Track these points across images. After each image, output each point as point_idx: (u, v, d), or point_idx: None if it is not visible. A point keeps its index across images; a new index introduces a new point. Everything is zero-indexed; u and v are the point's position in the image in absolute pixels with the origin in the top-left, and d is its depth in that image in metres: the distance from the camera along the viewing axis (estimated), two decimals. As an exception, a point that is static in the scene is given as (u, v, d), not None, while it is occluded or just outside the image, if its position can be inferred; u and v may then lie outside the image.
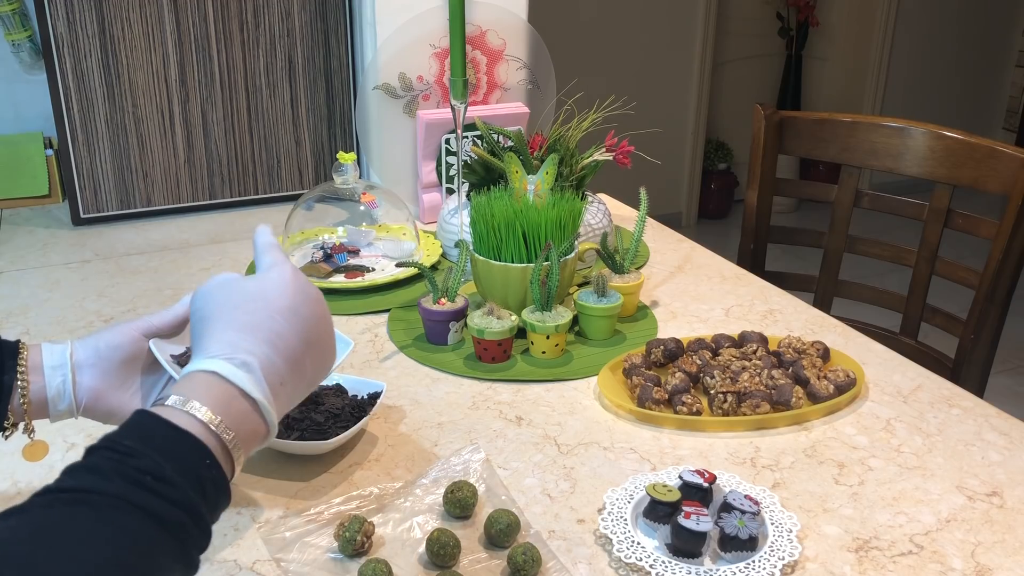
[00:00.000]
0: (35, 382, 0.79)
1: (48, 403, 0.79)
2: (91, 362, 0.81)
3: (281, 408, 0.67)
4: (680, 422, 1.04)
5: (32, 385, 0.79)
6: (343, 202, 1.53)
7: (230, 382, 0.63)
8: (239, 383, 0.63)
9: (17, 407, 0.79)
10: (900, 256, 1.66)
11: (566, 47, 3.84)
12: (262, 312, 0.67)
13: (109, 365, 0.81)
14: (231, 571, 0.82)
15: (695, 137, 4.43)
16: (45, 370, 0.79)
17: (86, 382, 0.80)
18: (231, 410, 0.62)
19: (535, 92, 1.73)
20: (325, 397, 0.99)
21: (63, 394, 0.79)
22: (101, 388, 0.81)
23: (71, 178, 1.62)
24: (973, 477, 0.96)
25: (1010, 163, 1.47)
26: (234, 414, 0.62)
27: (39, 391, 0.79)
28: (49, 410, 0.80)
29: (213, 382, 0.63)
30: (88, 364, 0.80)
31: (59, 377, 0.79)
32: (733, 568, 0.80)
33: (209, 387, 0.62)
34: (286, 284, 0.69)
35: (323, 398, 0.99)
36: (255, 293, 0.68)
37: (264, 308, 0.67)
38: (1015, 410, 1.11)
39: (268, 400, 0.64)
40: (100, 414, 0.82)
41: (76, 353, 0.81)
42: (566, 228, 1.21)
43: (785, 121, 1.72)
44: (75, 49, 1.55)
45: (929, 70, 4.78)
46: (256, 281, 0.70)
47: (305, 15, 1.68)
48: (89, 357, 0.81)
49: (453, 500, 0.87)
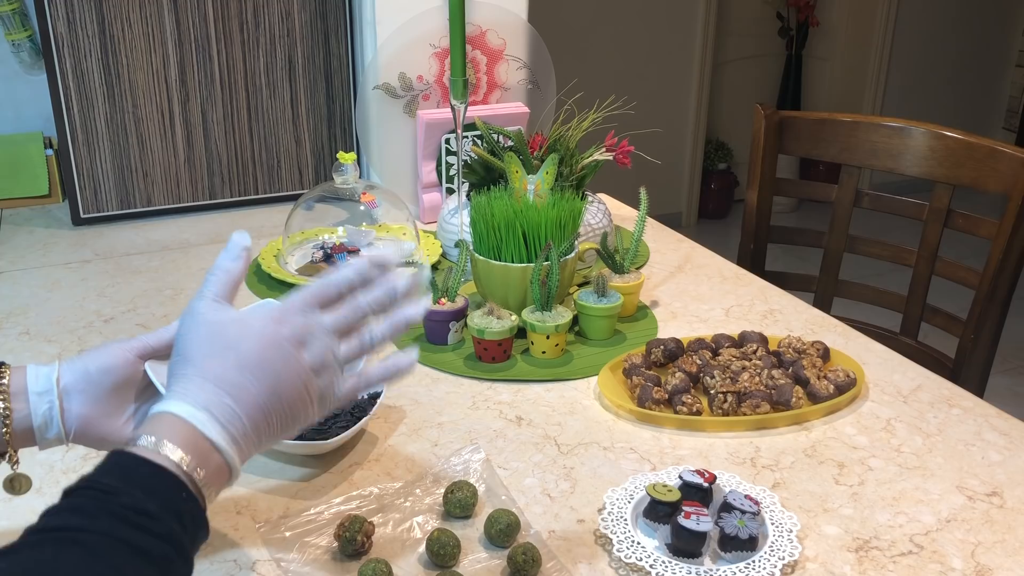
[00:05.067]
0: (19, 409, 0.73)
1: (35, 431, 0.74)
2: (80, 387, 0.74)
3: (244, 455, 0.66)
4: (680, 422, 1.04)
5: (16, 413, 0.73)
6: (343, 202, 1.53)
7: (195, 427, 0.63)
8: (202, 429, 0.64)
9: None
10: (900, 256, 1.66)
11: (566, 47, 3.84)
12: (232, 367, 0.66)
13: (100, 391, 0.75)
14: (231, 571, 0.82)
15: (695, 137, 4.43)
16: (30, 396, 0.73)
17: (75, 409, 0.74)
18: (198, 451, 0.63)
19: (535, 92, 1.73)
20: None
21: (50, 422, 0.73)
22: (91, 415, 0.74)
23: (71, 178, 1.62)
24: (973, 477, 0.96)
25: (1010, 163, 1.47)
26: (201, 455, 0.63)
27: (24, 419, 0.73)
28: (36, 438, 0.74)
29: (179, 424, 0.63)
30: (77, 389, 0.74)
31: (45, 404, 0.73)
32: (733, 568, 0.80)
33: (176, 428, 0.63)
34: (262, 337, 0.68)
35: None
36: (231, 342, 0.67)
37: (235, 362, 0.67)
38: (1015, 410, 1.11)
39: (230, 447, 0.65)
40: (92, 441, 0.76)
41: (64, 377, 0.74)
42: (566, 228, 1.21)
43: (785, 121, 1.72)
44: (75, 49, 1.55)
45: (929, 70, 4.78)
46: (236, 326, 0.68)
47: (305, 15, 1.68)
48: (78, 382, 0.74)
49: (453, 500, 0.87)
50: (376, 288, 0.72)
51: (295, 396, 0.68)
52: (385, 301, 0.72)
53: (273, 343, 0.68)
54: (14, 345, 1.22)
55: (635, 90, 3.48)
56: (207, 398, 0.65)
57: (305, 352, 0.69)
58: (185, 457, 0.61)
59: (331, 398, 0.71)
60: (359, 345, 0.72)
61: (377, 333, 0.72)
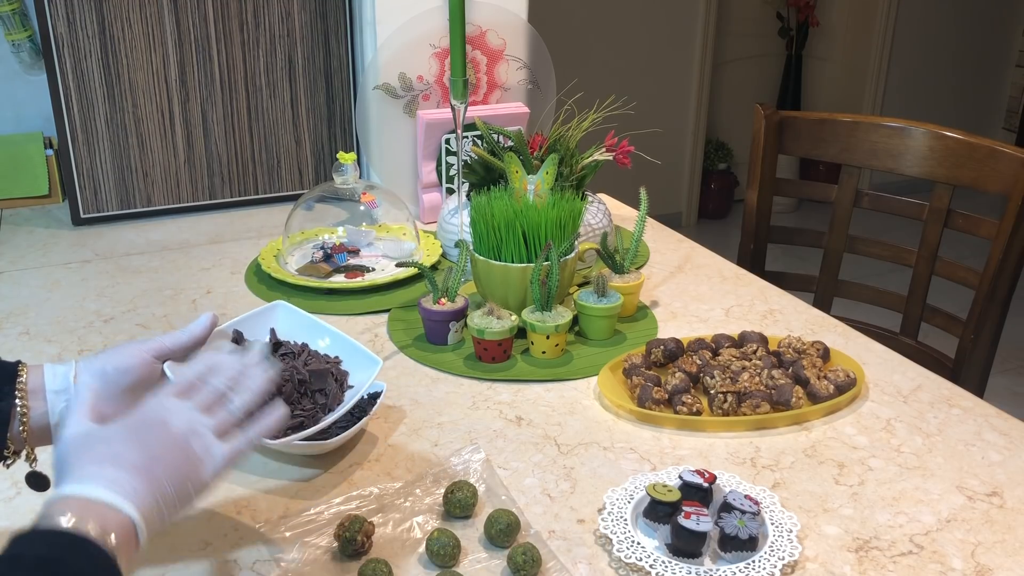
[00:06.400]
0: (36, 407, 0.75)
1: (52, 429, 0.76)
2: (96, 386, 0.76)
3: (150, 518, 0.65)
4: (680, 422, 1.04)
5: (32, 411, 0.75)
6: (343, 202, 1.53)
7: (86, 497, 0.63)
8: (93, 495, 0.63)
9: (16, 434, 0.75)
10: (900, 256, 1.66)
11: (566, 47, 3.84)
12: (101, 448, 0.67)
13: (116, 390, 0.77)
14: (231, 571, 0.82)
15: (695, 137, 4.43)
16: (47, 394, 0.75)
17: None
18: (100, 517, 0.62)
19: (535, 92, 1.73)
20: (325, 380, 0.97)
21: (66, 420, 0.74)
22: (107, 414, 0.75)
23: (71, 178, 1.62)
24: (973, 477, 0.96)
25: (1010, 163, 1.47)
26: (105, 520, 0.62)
27: (40, 417, 0.75)
28: (52, 436, 0.76)
29: (72, 499, 0.63)
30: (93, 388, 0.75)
31: (62, 402, 0.75)
32: (733, 568, 0.80)
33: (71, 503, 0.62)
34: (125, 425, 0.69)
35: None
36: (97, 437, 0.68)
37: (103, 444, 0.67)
38: (1015, 410, 1.11)
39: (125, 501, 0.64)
40: None
41: (81, 375, 0.77)
42: (566, 228, 1.21)
43: (785, 121, 1.72)
44: (75, 49, 1.55)
45: (929, 70, 4.78)
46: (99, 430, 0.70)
47: (305, 15, 1.68)
48: (95, 380, 0.76)
49: (453, 500, 0.87)
50: (225, 369, 0.76)
51: (176, 459, 0.68)
52: (235, 376, 0.76)
53: (138, 425, 0.69)
54: (14, 345, 1.22)
55: (635, 90, 3.48)
56: (90, 474, 0.65)
57: (171, 425, 0.70)
58: (94, 525, 0.61)
59: (215, 460, 0.71)
60: (224, 417, 0.74)
61: (237, 404, 0.75)
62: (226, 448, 0.72)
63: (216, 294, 1.38)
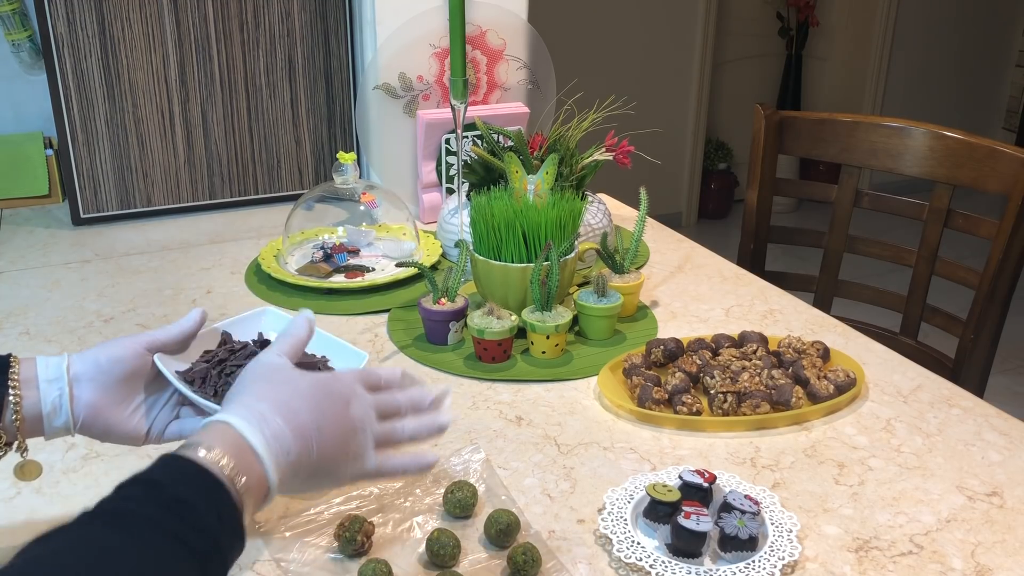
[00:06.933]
0: (29, 397, 0.75)
1: (43, 419, 0.76)
2: (90, 375, 0.77)
3: (282, 477, 0.67)
4: (680, 422, 1.04)
5: (25, 400, 0.75)
6: (343, 202, 1.53)
7: (241, 434, 0.66)
8: (248, 437, 0.66)
9: (9, 424, 0.75)
10: (900, 256, 1.66)
11: (566, 47, 3.83)
12: (287, 394, 0.70)
13: (110, 379, 0.78)
14: (231, 571, 0.81)
15: (695, 137, 4.43)
16: (40, 384, 0.76)
17: (85, 396, 0.77)
18: (241, 458, 0.65)
19: (535, 92, 1.73)
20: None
21: (59, 409, 0.76)
22: (100, 403, 0.77)
23: (71, 178, 1.62)
24: (973, 477, 0.96)
25: (1010, 163, 1.47)
26: (243, 463, 0.65)
27: (33, 406, 0.76)
28: (44, 426, 0.77)
29: (227, 432, 0.66)
30: (87, 377, 0.77)
31: (55, 391, 0.76)
32: (733, 568, 0.80)
33: (223, 435, 0.66)
34: (317, 382, 0.73)
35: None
36: (290, 378, 0.72)
37: (291, 392, 0.71)
38: (1015, 410, 1.11)
39: (270, 460, 0.66)
40: (98, 431, 0.79)
41: (74, 366, 0.77)
42: (566, 228, 1.21)
43: (785, 121, 1.72)
44: (75, 49, 1.55)
45: (929, 70, 4.78)
46: (296, 372, 0.73)
47: (305, 15, 1.68)
48: (88, 370, 0.77)
49: (453, 500, 0.87)
50: (411, 391, 0.79)
51: (336, 442, 0.71)
52: (418, 401, 0.78)
53: (326, 390, 0.72)
54: (14, 345, 1.22)
55: (635, 90, 3.48)
56: (259, 413, 0.68)
57: (350, 409, 0.73)
58: (229, 462, 0.63)
59: (362, 464, 0.73)
60: (390, 430, 0.76)
61: (408, 428, 0.77)
62: (376, 461, 0.74)
63: (216, 294, 1.38)
